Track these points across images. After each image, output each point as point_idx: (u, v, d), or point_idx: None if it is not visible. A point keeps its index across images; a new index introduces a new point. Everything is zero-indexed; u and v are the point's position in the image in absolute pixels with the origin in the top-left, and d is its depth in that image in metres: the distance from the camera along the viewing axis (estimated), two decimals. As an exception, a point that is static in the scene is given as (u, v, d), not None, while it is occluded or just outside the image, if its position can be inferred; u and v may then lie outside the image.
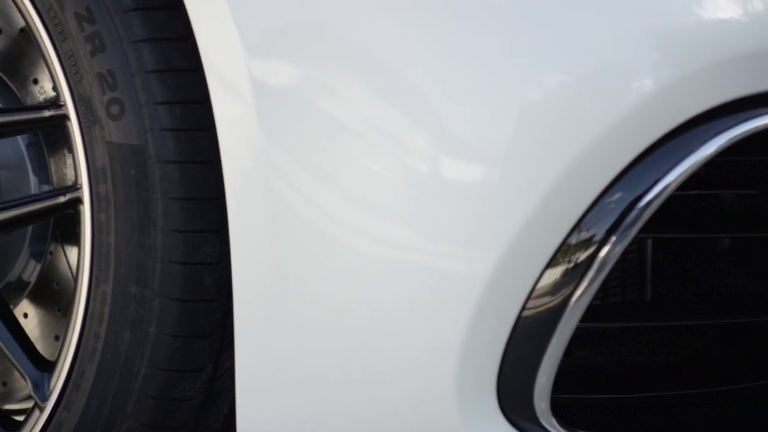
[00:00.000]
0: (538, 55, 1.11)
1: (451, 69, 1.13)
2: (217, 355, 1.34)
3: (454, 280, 1.12)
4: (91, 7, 1.26)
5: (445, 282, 1.12)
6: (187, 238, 1.28)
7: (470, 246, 1.11)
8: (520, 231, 1.11)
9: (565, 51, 1.11)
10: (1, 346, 1.38)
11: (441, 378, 1.14)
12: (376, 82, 1.14)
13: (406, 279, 1.14)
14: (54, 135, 1.52)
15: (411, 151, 1.13)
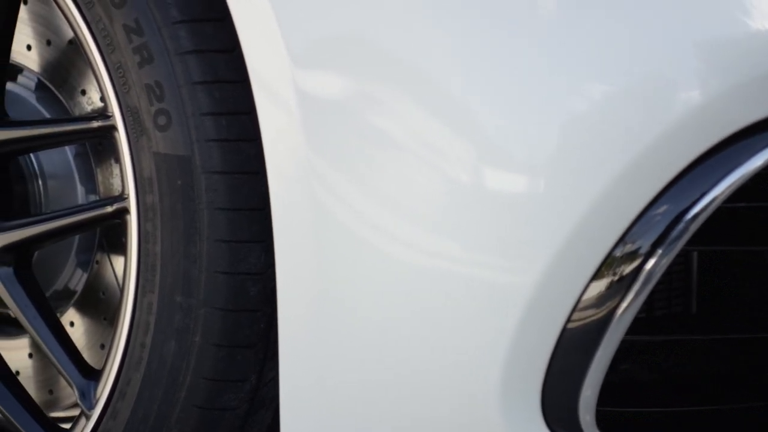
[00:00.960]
0: (583, 66, 1.11)
1: (495, 79, 1.13)
2: (261, 364, 1.34)
3: (499, 291, 1.12)
4: (139, 19, 1.27)
5: (489, 293, 1.12)
6: (232, 248, 1.28)
7: (515, 257, 1.11)
8: (565, 242, 1.10)
9: (611, 61, 1.10)
10: (49, 354, 1.40)
11: (485, 388, 1.13)
12: (420, 93, 1.14)
13: (449, 289, 1.14)
14: (101, 145, 1.53)
15: (455, 161, 1.13)
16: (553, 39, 1.11)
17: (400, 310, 1.16)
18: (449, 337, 1.14)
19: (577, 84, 1.10)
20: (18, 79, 1.58)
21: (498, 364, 1.12)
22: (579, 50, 1.11)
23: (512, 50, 1.12)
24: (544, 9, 1.12)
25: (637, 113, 1.09)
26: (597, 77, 1.10)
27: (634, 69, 1.10)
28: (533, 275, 1.10)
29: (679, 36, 1.10)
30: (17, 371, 1.60)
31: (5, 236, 1.42)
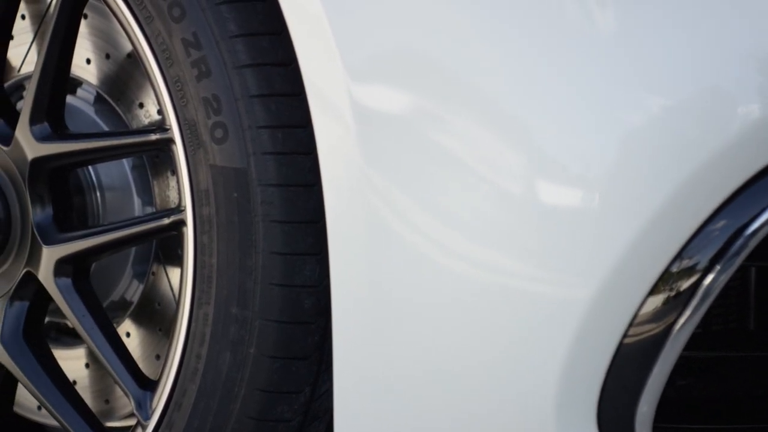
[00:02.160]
0: (641, 79, 1.10)
1: (551, 93, 1.12)
2: (315, 376, 1.35)
3: (555, 305, 1.11)
4: (197, 33, 1.28)
5: (545, 306, 1.12)
6: (287, 261, 1.29)
7: (571, 271, 1.11)
8: (621, 257, 1.10)
9: (669, 75, 1.10)
10: (106, 364, 1.41)
11: (540, 403, 1.13)
12: (476, 107, 1.14)
13: (505, 303, 1.14)
14: (158, 158, 1.54)
15: (510, 175, 1.13)
16: (610, 52, 1.11)
17: (456, 323, 1.16)
18: (505, 350, 1.14)
19: (634, 97, 1.10)
20: (77, 92, 1.60)
21: (554, 377, 1.11)
22: (637, 63, 1.10)
23: (569, 64, 1.12)
24: (601, 23, 1.11)
25: (695, 127, 1.08)
26: (655, 90, 1.09)
27: (692, 82, 1.09)
28: (590, 289, 1.10)
29: (739, 49, 1.09)
30: (74, 381, 1.62)
31: (64, 248, 1.43)
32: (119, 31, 1.54)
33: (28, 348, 1.47)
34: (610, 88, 1.10)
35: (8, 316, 1.48)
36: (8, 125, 1.47)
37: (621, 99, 1.10)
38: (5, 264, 1.49)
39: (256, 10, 1.29)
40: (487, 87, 1.13)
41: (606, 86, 1.11)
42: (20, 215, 1.47)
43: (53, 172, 1.46)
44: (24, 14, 1.61)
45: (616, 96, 1.10)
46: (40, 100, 1.42)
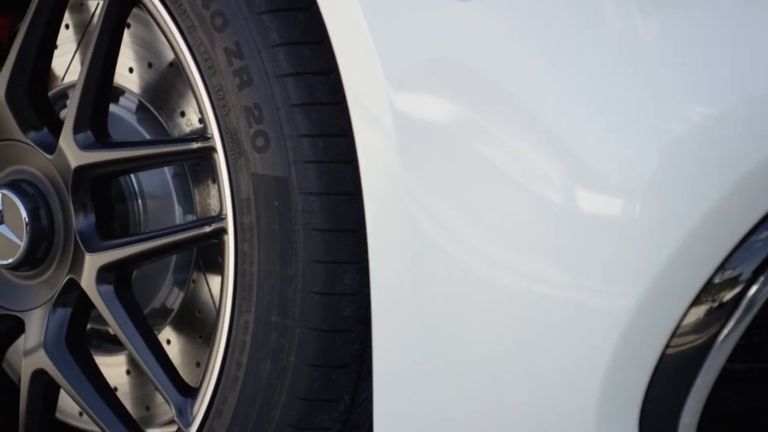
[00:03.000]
0: (684, 88, 1.10)
1: (592, 103, 1.12)
2: (354, 385, 1.35)
3: (596, 315, 1.11)
4: (240, 43, 1.29)
5: (586, 317, 1.11)
6: (327, 269, 1.29)
7: (612, 281, 1.10)
8: (663, 267, 1.09)
9: (712, 83, 1.09)
10: (147, 371, 1.42)
11: (581, 414, 1.12)
12: (517, 118, 1.14)
13: (547, 313, 1.13)
14: (199, 166, 1.55)
15: (551, 185, 1.13)
16: (653, 62, 1.11)
17: (496, 332, 1.16)
18: (546, 360, 1.14)
19: (677, 106, 1.09)
20: (120, 100, 1.61)
21: (595, 387, 1.11)
22: (680, 73, 1.10)
23: (611, 74, 1.11)
24: (644, 33, 1.11)
25: (740, 136, 1.08)
26: (699, 99, 1.09)
27: (737, 91, 1.08)
28: (631, 299, 1.09)
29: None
30: (115, 387, 1.63)
31: (106, 255, 1.44)
32: (162, 40, 1.55)
33: (70, 354, 1.48)
34: (653, 98, 1.10)
35: (51, 322, 1.49)
36: (52, 134, 1.49)
37: (664, 108, 1.10)
38: (48, 271, 1.51)
39: (297, 19, 1.29)
40: (529, 96, 1.13)
41: (649, 95, 1.10)
42: (63, 223, 1.48)
43: (96, 180, 1.47)
44: (68, 24, 1.63)
45: (658, 105, 1.10)
46: (84, 108, 1.43)
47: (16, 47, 1.45)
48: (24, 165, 1.51)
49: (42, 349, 1.48)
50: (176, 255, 1.56)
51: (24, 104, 1.48)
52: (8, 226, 1.49)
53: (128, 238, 1.46)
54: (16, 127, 1.49)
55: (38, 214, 1.49)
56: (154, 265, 1.56)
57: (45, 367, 1.48)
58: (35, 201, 1.49)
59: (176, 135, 1.56)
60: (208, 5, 1.30)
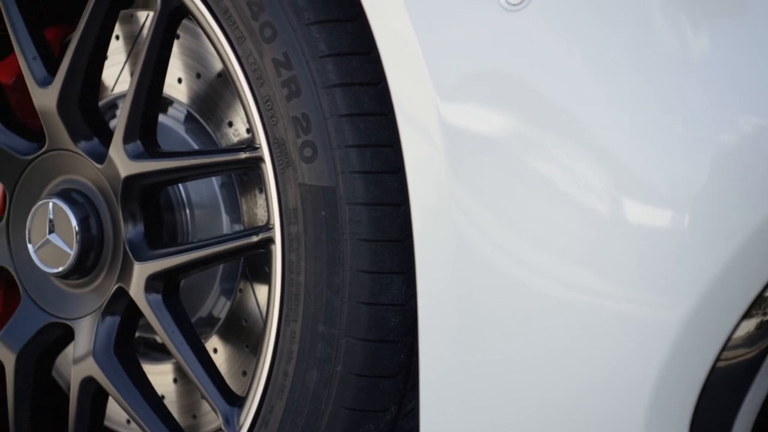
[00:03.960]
0: (734, 100, 1.09)
1: (642, 116, 1.11)
2: (400, 395, 1.35)
3: (645, 328, 1.10)
4: (288, 54, 1.30)
5: (635, 329, 1.11)
6: (374, 279, 1.29)
7: (662, 293, 1.10)
8: (714, 280, 1.08)
9: (762, 93, 1.08)
10: (195, 380, 1.42)
11: (630, 427, 1.12)
12: (566, 129, 1.14)
13: (595, 325, 1.13)
14: (246, 176, 1.56)
15: (600, 197, 1.12)
16: (704, 74, 1.10)
17: (544, 345, 1.15)
18: (595, 372, 1.13)
19: (728, 118, 1.09)
20: (168, 111, 1.62)
21: (644, 400, 1.10)
22: (729, 82, 1.09)
23: (661, 87, 1.11)
24: (695, 44, 1.10)
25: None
26: (750, 111, 1.08)
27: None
28: (681, 312, 1.08)
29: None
30: (162, 395, 1.64)
31: (155, 264, 1.45)
32: (210, 51, 1.56)
33: (119, 362, 1.49)
34: (704, 109, 1.09)
35: (100, 330, 1.50)
36: (102, 143, 1.50)
37: (714, 120, 1.09)
38: (97, 279, 1.52)
39: (346, 30, 1.30)
40: (578, 108, 1.13)
41: (699, 106, 1.09)
42: (112, 232, 1.49)
43: (145, 189, 1.48)
44: (118, 35, 1.64)
45: (709, 116, 1.09)
46: (134, 118, 1.44)
47: (68, 58, 1.47)
48: (74, 174, 1.52)
49: (91, 357, 1.49)
50: (223, 264, 1.57)
51: (75, 114, 1.49)
52: (59, 235, 1.50)
53: (177, 247, 1.47)
54: (67, 137, 1.50)
55: (88, 223, 1.50)
56: (202, 274, 1.57)
57: (94, 375, 1.49)
58: (85, 210, 1.50)
59: (224, 145, 1.57)
60: (257, 16, 1.31)
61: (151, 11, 1.62)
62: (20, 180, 1.56)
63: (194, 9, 1.37)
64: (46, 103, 1.49)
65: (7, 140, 1.55)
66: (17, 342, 1.55)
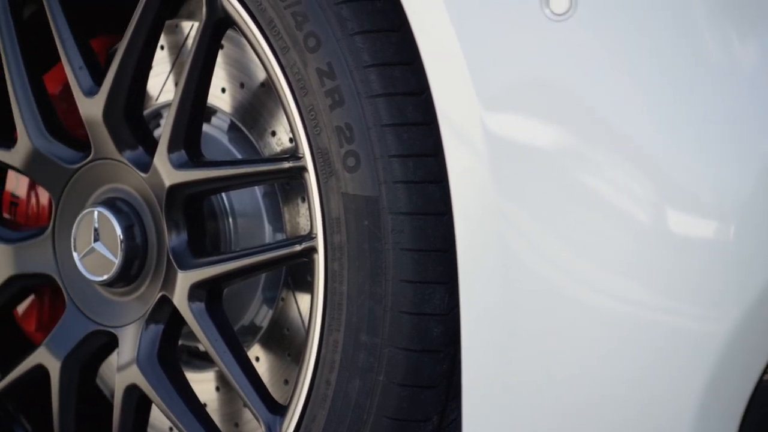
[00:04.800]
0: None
1: (687, 126, 1.11)
2: (443, 405, 1.35)
3: (691, 339, 1.09)
4: (332, 63, 1.30)
5: (681, 341, 1.10)
6: (416, 289, 1.29)
7: (708, 305, 1.09)
8: (760, 291, 1.07)
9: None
10: (238, 388, 1.43)
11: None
12: (611, 140, 1.13)
13: (639, 337, 1.12)
14: (289, 185, 1.57)
15: (645, 208, 1.12)
16: (749, 83, 1.09)
17: (588, 356, 1.15)
18: (639, 385, 1.12)
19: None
20: (212, 120, 1.63)
21: (690, 412, 1.09)
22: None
23: (707, 96, 1.10)
24: (740, 55, 1.10)
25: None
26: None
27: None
28: (727, 324, 1.07)
29: None
30: (205, 403, 1.65)
31: (198, 273, 1.46)
32: (254, 60, 1.57)
33: (162, 370, 1.50)
34: (749, 119, 1.09)
35: (144, 338, 1.51)
36: (147, 152, 1.51)
37: (760, 128, 1.08)
38: (141, 288, 1.53)
39: (389, 40, 1.30)
40: (623, 119, 1.12)
41: (744, 117, 1.09)
42: (156, 241, 1.50)
43: (189, 198, 1.49)
44: (163, 45, 1.65)
45: (755, 125, 1.08)
46: (178, 128, 1.45)
47: (114, 68, 1.48)
48: (119, 183, 1.53)
49: (135, 365, 1.50)
50: (266, 273, 1.57)
51: (120, 124, 1.50)
52: (103, 244, 1.52)
53: (220, 256, 1.47)
54: (112, 146, 1.51)
55: (132, 231, 1.51)
56: (244, 282, 1.57)
57: (138, 383, 1.50)
58: (130, 219, 1.51)
59: (267, 154, 1.58)
60: (301, 26, 1.31)
61: (195, 21, 1.63)
62: (66, 189, 1.57)
63: (239, 19, 1.38)
64: (92, 112, 1.51)
65: (53, 149, 1.57)
66: (62, 349, 1.56)
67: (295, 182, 1.54)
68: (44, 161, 1.57)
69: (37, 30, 1.62)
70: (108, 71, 1.49)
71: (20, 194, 1.73)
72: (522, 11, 1.16)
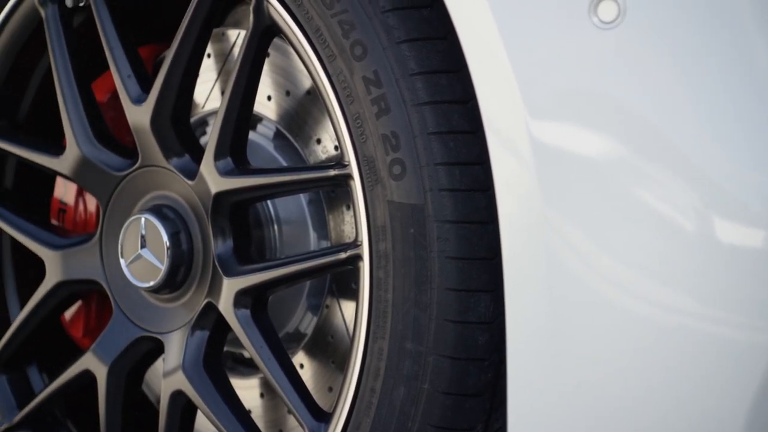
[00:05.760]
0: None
1: (736, 136, 1.10)
2: (488, 414, 1.34)
3: (740, 350, 1.08)
4: (378, 72, 1.30)
5: (730, 351, 1.09)
6: (461, 297, 1.29)
7: (757, 315, 1.08)
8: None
9: None
10: (282, 395, 1.43)
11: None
12: (658, 148, 1.13)
13: (688, 347, 1.11)
14: (333, 192, 1.57)
15: (694, 219, 1.11)
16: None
17: (635, 366, 1.14)
18: (688, 396, 1.12)
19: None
20: (257, 128, 1.64)
21: (739, 424, 1.08)
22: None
23: (755, 106, 1.09)
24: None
25: None
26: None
27: None
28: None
29: None
30: (249, 410, 1.65)
31: (244, 279, 1.47)
32: (299, 68, 1.58)
33: (207, 376, 1.51)
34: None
35: (189, 345, 1.52)
36: (193, 160, 1.52)
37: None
38: (187, 294, 1.54)
39: (436, 48, 1.30)
40: (672, 128, 1.12)
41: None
42: (202, 247, 1.51)
43: (234, 205, 1.50)
44: (209, 53, 1.66)
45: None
46: (225, 136, 1.46)
47: (162, 76, 1.49)
48: (165, 190, 1.54)
49: (181, 371, 1.51)
50: (310, 280, 1.58)
51: (167, 131, 1.52)
52: (150, 250, 1.53)
53: (265, 263, 1.48)
54: (159, 154, 1.53)
55: (179, 238, 1.52)
56: (288, 289, 1.58)
57: (183, 389, 1.51)
58: (176, 226, 1.52)
59: (312, 162, 1.58)
60: (348, 35, 1.32)
61: (242, 30, 1.64)
62: (113, 195, 1.58)
63: (286, 28, 1.38)
64: (139, 120, 1.52)
65: (101, 156, 1.58)
66: (109, 355, 1.57)
67: (340, 190, 1.54)
68: (92, 168, 1.58)
69: (86, 38, 1.64)
70: (156, 79, 1.50)
71: (68, 201, 1.75)
72: (569, 19, 1.15)
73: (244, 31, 1.62)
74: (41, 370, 1.73)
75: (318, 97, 1.55)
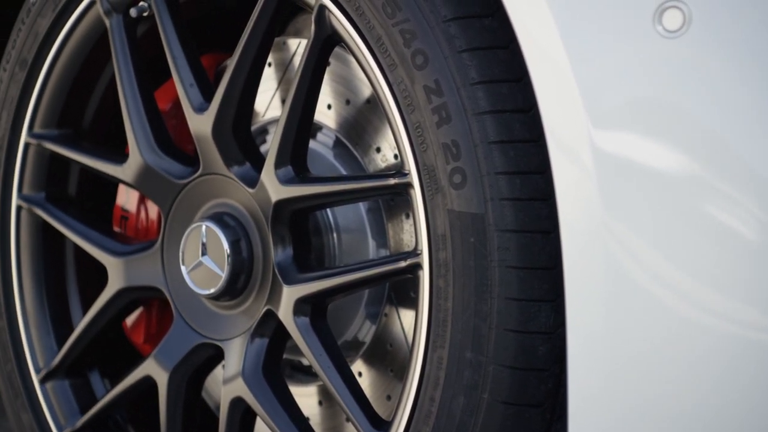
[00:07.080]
0: None
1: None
2: (548, 425, 1.34)
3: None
4: (439, 81, 1.30)
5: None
6: (522, 307, 1.29)
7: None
8: None
9: None
10: (341, 403, 1.43)
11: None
12: (722, 159, 1.12)
13: (750, 357, 1.10)
14: (392, 201, 1.57)
15: (755, 227, 1.10)
16: None
17: (697, 376, 1.13)
18: (751, 407, 1.10)
19: None
20: (317, 136, 1.64)
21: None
22: None
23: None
24: None
25: None
26: None
27: None
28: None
29: None
30: (308, 417, 1.66)
31: (303, 287, 1.47)
32: (359, 77, 1.58)
33: (267, 383, 1.51)
34: None
35: (249, 352, 1.52)
36: (254, 168, 1.53)
37: None
38: (247, 302, 1.54)
39: (497, 57, 1.30)
40: (737, 139, 1.11)
41: None
42: (262, 255, 1.52)
43: (294, 213, 1.50)
44: (270, 62, 1.67)
45: None
46: (285, 144, 1.47)
47: (224, 85, 1.50)
48: (226, 198, 1.55)
49: (240, 378, 1.51)
50: (369, 288, 1.58)
51: (228, 140, 1.53)
52: (211, 258, 1.54)
53: (325, 271, 1.48)
54: (220, 162, 1.54)
55: (239, 246, 1.53)
56: (347, 298, 1.58)
57: (243, 396, 1.52)
58: (236, 233, 1.53)
59: (371, 170, 1.58)
60: (409, 44, 1.32)
61: (302, 39, 1.65)
62: (175, 203, 1.60)
63: (347, 37, 1.39)
64: (201, 128, 1.53)
65: (163, 164, 1.60)
66: (170, 361, 1.59)
67: (399, 198, 1.55)
68: (154, 176, 1.60)
69: (148, 47, 1.66)
70: (218, 88, 1.51)
71: (130, 208, 1.77)
72: (634, 28, 1.15)
73: (305, 41, 1.62)
74: (103, 376, 1.75)
75: (378, 105, 1.55)
